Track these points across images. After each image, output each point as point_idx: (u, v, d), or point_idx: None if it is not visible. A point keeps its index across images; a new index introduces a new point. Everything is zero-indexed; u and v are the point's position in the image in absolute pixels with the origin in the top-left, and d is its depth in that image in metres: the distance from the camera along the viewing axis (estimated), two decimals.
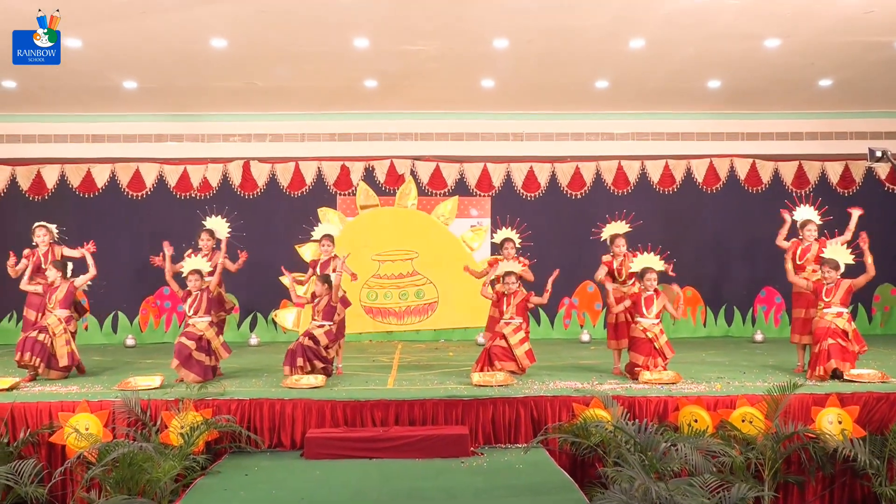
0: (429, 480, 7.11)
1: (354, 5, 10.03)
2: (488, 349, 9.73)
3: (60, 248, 10.65)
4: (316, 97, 14.20)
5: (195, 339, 9.42)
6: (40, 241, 10.56)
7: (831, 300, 9.34)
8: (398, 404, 8.40)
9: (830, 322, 9.25)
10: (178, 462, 7.26)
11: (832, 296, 9.34)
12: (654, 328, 9.49)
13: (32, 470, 7.45)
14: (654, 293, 9.61)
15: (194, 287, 9.65)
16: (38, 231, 10.58)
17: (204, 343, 9.48)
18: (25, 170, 15.08)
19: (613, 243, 10.32)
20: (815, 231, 10.17)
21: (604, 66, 12.58)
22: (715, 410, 8.24)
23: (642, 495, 6.00)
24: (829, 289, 9.38)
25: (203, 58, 11.86)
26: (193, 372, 9.28)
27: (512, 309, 9.88)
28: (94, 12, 10.07)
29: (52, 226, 10.77)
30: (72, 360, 9.81)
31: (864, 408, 8.31)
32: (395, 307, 14.79)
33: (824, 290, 9.41)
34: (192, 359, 9.34)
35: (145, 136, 15.15)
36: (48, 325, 9.77)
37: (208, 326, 9.59)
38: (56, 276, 10.04)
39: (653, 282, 9.60)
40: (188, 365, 9.30)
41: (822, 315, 9.35)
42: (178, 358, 9.31)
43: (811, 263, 10.07)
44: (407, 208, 15.08)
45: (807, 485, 8.27)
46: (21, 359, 9.56)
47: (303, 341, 9.45)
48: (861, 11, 10.11)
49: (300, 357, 9.28)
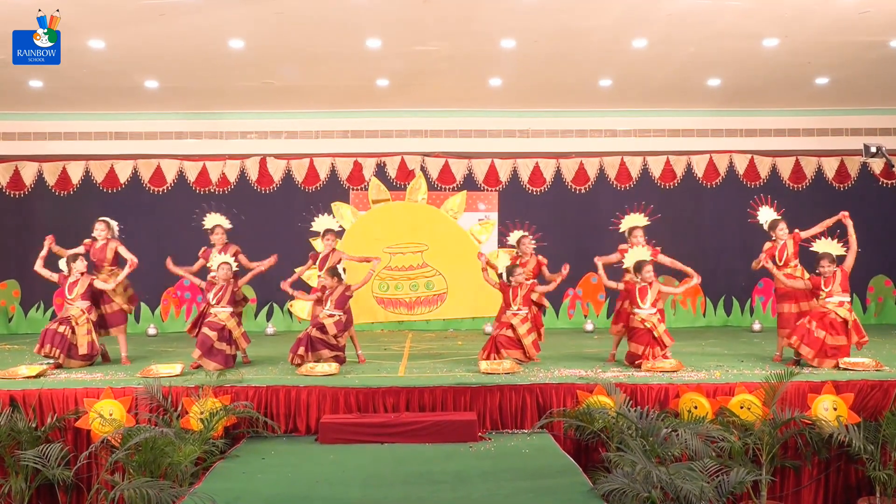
0: (438, 464, 7.13)
1: (367, 8, 10.14)
2: (495, 337, 9.84)
3: (116, 244, 10.61)
4: (330, 96, 14.34)
5: (217, 330, 9.56)
6: (99, 235, 10.51)
7: (832, 289, 9.37)
8: (409, 391, 8.48)
9: (830, 311, 9.30)
10: (197, 446, 7.34)
11: (831, 285, 9.38)
12: (652, 318, 9.56)
13: (59, 453, 7.71)
14: (647, 284, 9.70)
15: (222, 278, 9.82)
16: (98, 226, 10.54)
17: (226, 333, 9.63)
18: (52, 166, 15.41)
19: (631, 235, 10.30)
20: (785, 228, 10.14)
21: (607, 65, 12.68)
22: (714, 397, 8.28)
23: (644, 479, 6.08)
24: (826, 279, 9.42)
25: (221, 58, 11.99)
26: (215, 362, 9.42)
27: (519, 300, 9.99)
28: (117, 15, 10.20)
29: (114, 222, 10.76)
30: (91, 349, 9.93)
31: (859, 395, 8.34)
32: (406, 298, 15.07)
33: (822, 281, 9.45)
34: (214, 349, 9.50)
35: (166, 133, 15.35)
36: (71, 315, 9.93)
37: (230, 317, 9.76)
38: (81, 267, 10.14)
39: (649, 273, 9.68)
40: (210, 355, 9.45)
41: (825, 304, 9.37)
42: (200, 349, 9.45)
43: (792, 259, 10.11)
44: (417, 203, 15.33)
45: (803, 469, 8.32)
46: (41, 349, 9.71)
47: (311, 332, 9.51)
48: (857, 12, 10.18)
49: (302, 346, 9.38)
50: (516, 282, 10.03)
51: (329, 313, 9.81)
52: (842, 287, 9.41)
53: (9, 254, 15.06)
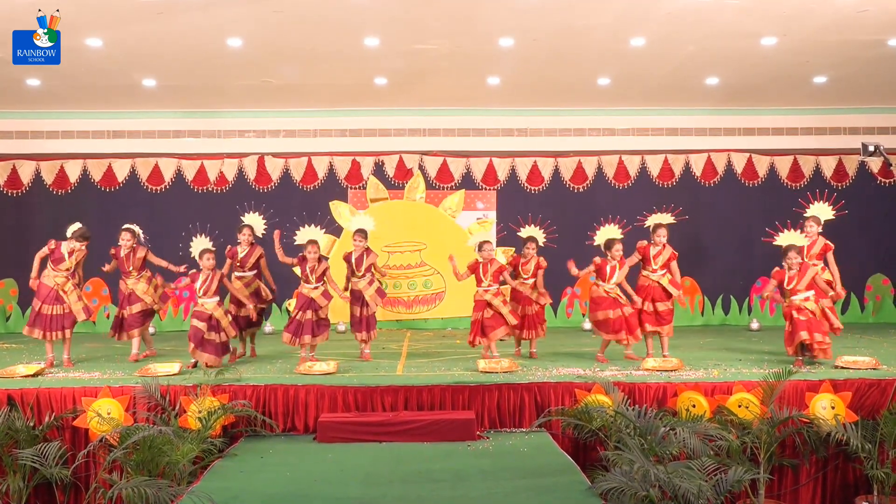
0: (437, 463, 7.17)
1: (366, 6, 10.11)
2: (480, 321, 10.05)
3: (145, 250, 10.66)
4: (328, 94, 14.31)
5: (205, 320, 9.59)
6: (124, 243, 10.49)
7: (795, 286, 9.60)
8: (407, 390, 8.53)
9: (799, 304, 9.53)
10: (196, 445, 7.37)
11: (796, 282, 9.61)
12: (616, 289, 10.00)
13: (57, 452, 7.74)
14: (618, 263, 10.03)
15: (206, 267, 9.78)
16: (124, 234, 10.50)
17: (214, 322, 9.64)
18: (49, 165, 15.37)
19: (655, 233, 10.36)
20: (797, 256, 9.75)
21: (606, 64, 12.65)
22: (712, 396, 8.35)
23: (642, 477, 6.11)
24: (791, 276, 9.63)
25: (219, 57, 11.94)
26: (207, 352, 9.47)
27: (490, 276, 10.19)
28: (115, 14, 10.15)
29: (139, 229, 10.75)
30: (87, 313, 10.20)
31: (857, 393, 8.41)
32: (404, 296, 15.13)
33: (787, 277, 9.66)
34: (205, 340, 9.54)
35: (164, 132, 15.30)
36: (56, 284, 10.01)
37: (216, 306, 9.75)
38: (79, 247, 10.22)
39: (619, 251, 10.04)
40: (202, 346, 9.49)
41: (791, 301, 9.60)
42: (193, 341, 9.50)
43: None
44: (415, 201, 15.37)
45: (801, 468, 8.38)
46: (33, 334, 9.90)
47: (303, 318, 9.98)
48: (855, 11, 10.16)
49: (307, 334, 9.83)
50: (484, 258, 10.27)
51: (314, 286, 10.10)
52: (807, 286, 9.61)
53: (6, 253, 15.03)
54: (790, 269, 9.66)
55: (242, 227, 10.84)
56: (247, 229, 10.81)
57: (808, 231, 10.37)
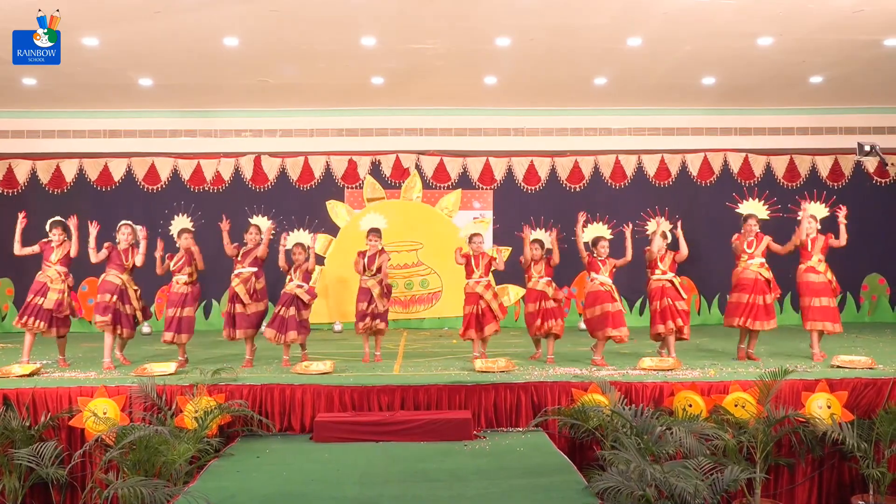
0: (433, 462, 7.16)
1: (363, 5, 10.12)
2: (476, 314, 10.09)
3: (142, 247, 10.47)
4: (324, 94, 14.31)
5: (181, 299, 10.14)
6: (122, 238, 10.29)
7: (754, 251, 9.96)
8: (404, 389, 8.52)
9: (755, 273, 9.89)
10: (192, 445, 7.35)
11: (754, 247, 9.97)
12: (610, 283, 9.95)
13: (53, 452, 7.68)
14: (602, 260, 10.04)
15: (183, 247, 10.10)
16: (124, 229, 10.31)
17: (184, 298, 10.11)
18: (45, 164, 15.39)
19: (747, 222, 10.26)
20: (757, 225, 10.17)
21: (602, 63, 12.67)
22: (709, 395, 8.34)
23: (638, 477, 6.10)
24: (749, 242, 9.96)
25: (216, 56, 11.95)
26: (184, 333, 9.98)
27: (482, 268, 10.26)
28: (112, 12, 10.17)
29: (138, 226, 10.48)
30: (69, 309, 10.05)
31: (853, 393, 8.42)
32: (401, 296, 15.13)
33: (745, 243, 10.02)
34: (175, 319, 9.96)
35: (160, 131, 15.32)
36: (48, 276, 9.89)
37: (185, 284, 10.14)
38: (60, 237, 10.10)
39: (605, 249, 10.06)
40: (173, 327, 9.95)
41: (748, 265, 9.97)
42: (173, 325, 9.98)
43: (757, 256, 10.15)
44: (412, 201, 15.40)
45: (797, 467, 8.40)
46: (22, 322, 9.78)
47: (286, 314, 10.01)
48: (851, 11, 10.19)
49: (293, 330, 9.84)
50: (477, 251, 10.34)
51: (298, 284, 10.11)
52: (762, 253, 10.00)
53: (2, 252, 14.97)
54: (747, 235, 10.02)
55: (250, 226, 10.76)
56: (254, 229, 10.76)
57: (808, 229, 10.31)
